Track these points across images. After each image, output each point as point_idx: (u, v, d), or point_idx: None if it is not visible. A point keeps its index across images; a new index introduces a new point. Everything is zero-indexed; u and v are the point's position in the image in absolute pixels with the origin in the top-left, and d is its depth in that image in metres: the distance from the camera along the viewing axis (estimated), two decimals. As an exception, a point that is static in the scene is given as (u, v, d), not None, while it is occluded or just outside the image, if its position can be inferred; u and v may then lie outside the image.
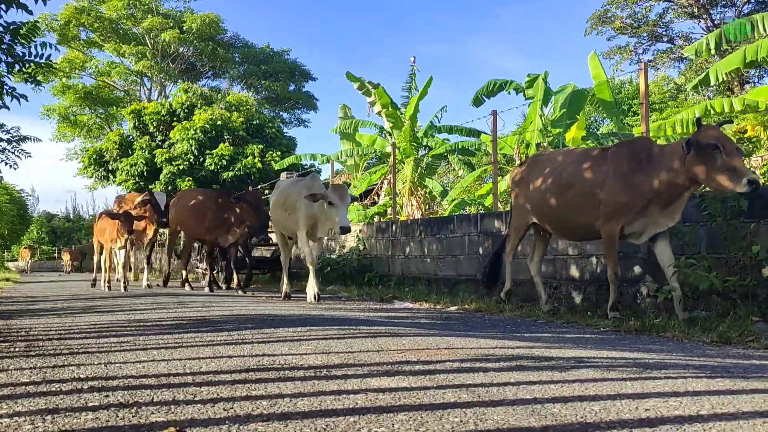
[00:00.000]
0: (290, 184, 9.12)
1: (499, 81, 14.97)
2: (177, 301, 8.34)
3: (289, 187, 9.00)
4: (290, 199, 8.65)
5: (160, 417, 2.22)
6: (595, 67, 14.02)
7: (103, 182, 27.79)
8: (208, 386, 2.74)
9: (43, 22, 32.63)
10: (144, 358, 3.49)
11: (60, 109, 38.05)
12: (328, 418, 2.21)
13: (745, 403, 2.45)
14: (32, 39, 6.10)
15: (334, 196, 7.78)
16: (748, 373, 3.24)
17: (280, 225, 9.21)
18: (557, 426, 2.13)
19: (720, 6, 29.13)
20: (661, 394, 2.62)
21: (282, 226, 9.19)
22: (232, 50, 37.93)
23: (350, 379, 2.93)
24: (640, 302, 6.51)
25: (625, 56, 31.11)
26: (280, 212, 8.92)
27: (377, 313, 6.92)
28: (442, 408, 2.36)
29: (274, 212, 9.18)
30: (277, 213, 9.08)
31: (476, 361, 3.44)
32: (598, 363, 3.51)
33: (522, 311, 6.88)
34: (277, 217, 9.15)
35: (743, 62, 9.90)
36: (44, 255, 45.74)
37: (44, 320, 5.79)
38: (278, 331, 4.85)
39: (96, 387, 2.72)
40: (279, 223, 9.21)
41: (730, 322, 5.03)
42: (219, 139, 21.83)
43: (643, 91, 7.37)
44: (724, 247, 5.79)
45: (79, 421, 2.17)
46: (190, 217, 11.65)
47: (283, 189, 9.14)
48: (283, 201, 8.84)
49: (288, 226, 8.90)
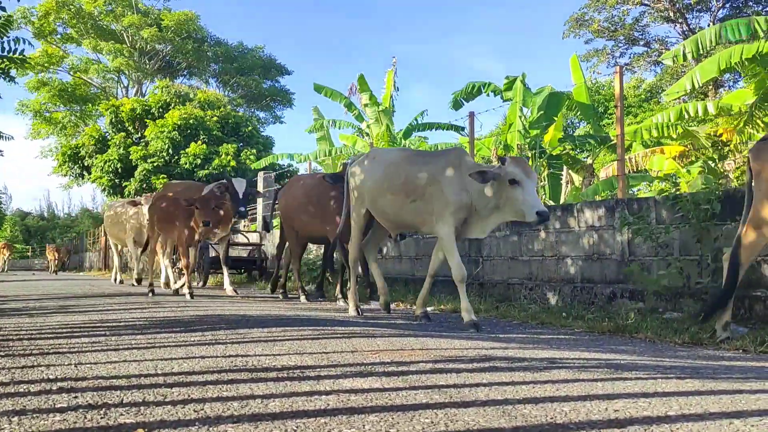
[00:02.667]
0: (406, 159, 6.20)
1: (477, 83, 15.03)
2: (152, 301, 8.27)
3: (406, 162, 6.11)
4: (416, 179, 5.91)
5: (129, 418, 2.20)
6: (576, 69, 14.14)
7: (78, 180, 27.56)
8: (179, 387, 2.72)
9: (20, 14, 32.24)
10: (115, 359, 3.45)
11: (35, 106, 37.59)
12: (299, 419, 2.20)
13: (713, 404, 2.48)
14: (5, 34, 6.02)
15: (517, 170, 5.28)
16: (717, 374, 3.28)
17: (380, 214, 6.39)
18: (527, 427, 2.14)
19: (695, 11, 29.51)
20: (630, 394, 2.65)
21: (383, 217, 6.40)
22: (206, 47, 37.68)
23: (323, 380, 2.93)
24: (614, 304, 6.57)
25: (602, 59, 31.41)
26: (384, 198, 6.20)
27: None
28: (414, 409, 2.36)
29: (372, 195, 6.36)
30: (376, 198, 6.32)
31: (449, 362, 3.45)
32: (571, 364, 3.53)
33: (498, 312, 6.91)
34: (377, 203, 6.33)
35: (718, 70, 10.03)
36: (17, 254, 45.09)
37: (15, 320, 5.71)
38: (253, 331, 4.82)
39: (65, 388, 2.69)
40: (379, 211, 6.37)
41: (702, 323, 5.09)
42: (194, 137, 21.71)
43: (618, 93, 7.44)
44: (697, 249, 5.86)
45: (46, 423, 2.14)
46: (305, 208, 8.84)
47: (394, 164, 6.20)
48: (400, 182, 6.02)
49: (401, 217, 6.16)
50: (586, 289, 6.94)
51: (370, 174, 6.39)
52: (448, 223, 5.66)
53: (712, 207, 5.63)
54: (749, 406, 2.49)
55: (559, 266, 7.33)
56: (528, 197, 5.18)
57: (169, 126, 21.57)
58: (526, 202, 5.17)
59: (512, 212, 5.40)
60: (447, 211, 5.65)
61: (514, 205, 5.29)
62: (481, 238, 6.57)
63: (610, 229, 6.77)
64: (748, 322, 5.23)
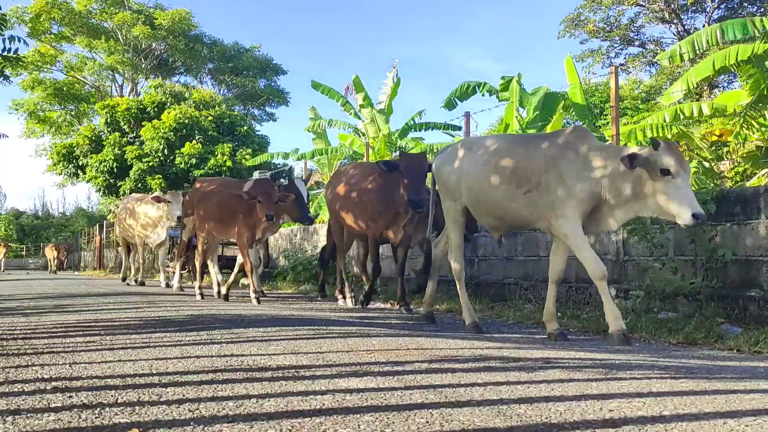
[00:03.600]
0: (514, 143, 5.38)
1: (472, 83, 15.01)
2: (146, 301, 8.25)
3: (514, 147, 5.24)
4: (529, 165, 5.00)
5: (123, 418, 2.20)
6: (570, 70, 14.15)
7: (72, 179, 27.49)
8: (174, 387, 2.71)
9: (13, 14, 32.15)
10: (110, 359, 3.44)
11: (29, 105, 37.48)
12: (294, 419, 2.20)
13: (707, 404, 2.49)
14: (0, 33, 6.00)
15: (671, 159, 4.38)
16: (711, 374, 3.29)
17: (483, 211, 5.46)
18: (522, 426, 2.15)
19: (690, 12, 29.57)
20: (625, 394, 2.65)
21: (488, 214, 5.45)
22: (201, 46, 37.60)
23: (318, 379, 2.92)
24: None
25: (597, 59, 31.44)
26: (489, 191, 5.23)
27: (349, 314, 6.92)
28: (409, 409, 2.36)
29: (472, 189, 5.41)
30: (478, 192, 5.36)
31: (444, 362, 3.46)
32: (566, 364, 3.54)
33: (493, 312, 6.92)
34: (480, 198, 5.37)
35: (713, 70, 10.04)
36: (12, 253, 44.91)
37: (9, 319, 5.69)
38: (248, 331, 4.82)
39: (60, 387, 2.68)
40: (483, 208, 5.43)
41: (696, 323, 5.11)
42: (189, 137, 21.70)
43: (613, 94, 7.46)
44: (691, 250, 5.88)
45: (40, 423, 2.13)
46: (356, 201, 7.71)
47: (498, 150, 5.27)
48: (509, 170, 5.10)
49: (511, 213, 5.21)
50: (582, 288, 6.95)
51: (467, 165, 5.46)
52: (571, 218, 4.77)
53: (708, 207, 5.64)
54: (743, 405, 2.50)
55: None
56: (683, 194, 4.33)
57: (164, 126, 21.55)
58: (681, 200, 4.31)
59: (656, 208, 4.51)
60: (569, 203, 4.77)
61: (661, 201, 4.42)
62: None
63: (605, 229, 6.77)
64: (742, 322, 5.24)
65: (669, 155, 4.38)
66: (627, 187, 4.59)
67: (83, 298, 8.88)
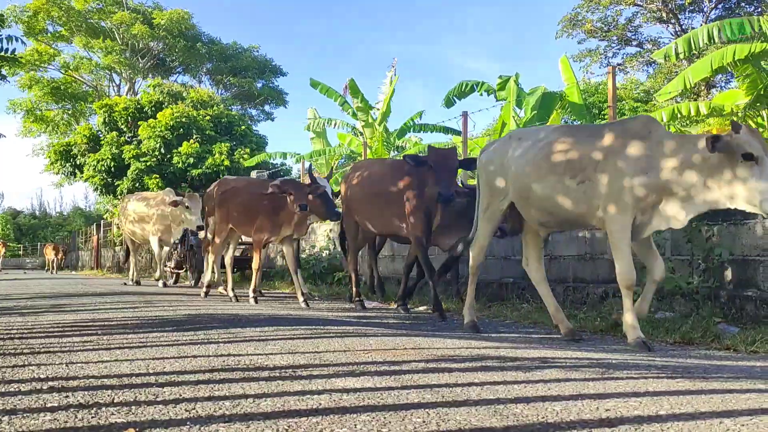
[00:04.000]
0: (568, 132, 5.03)
1: (470, 82, 15.03)
2: (144, 300, 8.24)
3: (569, 136, 4.91)
4: (586, 154, 4.68)
5: (119, 418, 2.19)
6: (566, 70, 14.16)
7: (69, 178, 27.46)
8: (170, 387, 2.71)
9: (11, 14, 32.09)
10: (107, 358, 3.44)
11: (26, 104, 37.41)
12: (291, 419, 2.20)
13: (704, 404, 2.49)
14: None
15: (755, 142, 4.03)
16: (708, 374, 3.29)
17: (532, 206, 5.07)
18: (518, 426, 2.15)
19: (688, 11, 29.60)
20: (622, 394, 2.66)
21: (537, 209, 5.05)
22: (200, 46, 37.52)
23: (315, 379, 2.92)
24: (606, 303, 6.59)
25: (594, 59, 31.47)
26: (540, 183, 4.88)
27: (346, 313, 6.92)
28: (406, 408, 2.36)
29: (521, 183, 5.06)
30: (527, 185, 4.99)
31: (441, 361, 3.46)
32: (563, 363, 3.54)
33: (490, 311, 6.92)
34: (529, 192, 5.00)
35: (711, 69, 10.06)
36: (9, 253, 44.84)
37: (6, 319, 5.68)
38: (245, 330, 4.81)
39: (56, 387, 2.68)
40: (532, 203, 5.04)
41: (693, 323, 5.11)
42: (187, 136, 21.68)
43: (610, 94, 7.46)
44: (688, 249, 5.88)
45: (36, 422, 2.13)
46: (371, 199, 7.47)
47: (551, 140, 4.94)
48: (564, 161, 4.77)
49: (563, 207, 4.82)
50: (579, 288, 6.96)
51: (516, 157, 5.12)
52: (623, 214, 4.44)
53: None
54: (740, 405, 2.50)
55: (552, 266, 7.34)
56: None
57: (161, 125, 21.52)
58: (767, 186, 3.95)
59: (734, 197, 4.10)
60: (624, 198, 4.42)
61: (741, 188, 4.03)
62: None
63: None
64: (739, 321, 5.25)
65: (753, 138, 4.04)
66: (701, 177, 4.23)
67: (80, 297, 8.87)
